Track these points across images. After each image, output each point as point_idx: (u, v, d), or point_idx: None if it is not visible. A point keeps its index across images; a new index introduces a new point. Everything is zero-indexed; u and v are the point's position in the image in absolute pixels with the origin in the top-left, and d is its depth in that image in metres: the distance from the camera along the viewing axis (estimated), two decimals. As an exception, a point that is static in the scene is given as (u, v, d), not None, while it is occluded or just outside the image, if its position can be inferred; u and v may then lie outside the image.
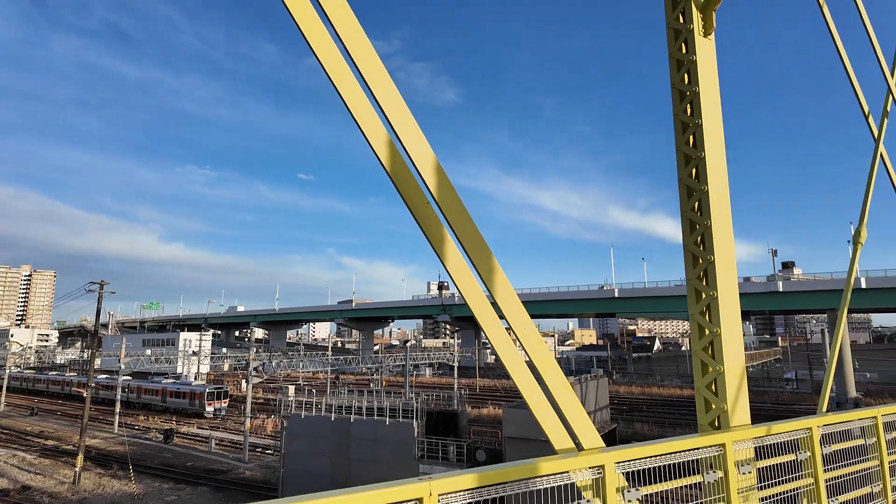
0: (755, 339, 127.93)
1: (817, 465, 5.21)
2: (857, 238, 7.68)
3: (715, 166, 5.79)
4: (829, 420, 5.66)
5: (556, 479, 3.71)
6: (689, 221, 5.86)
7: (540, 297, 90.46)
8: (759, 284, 69.23)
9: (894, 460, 6.31)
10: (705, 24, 5.98)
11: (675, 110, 6.06)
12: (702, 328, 5.63)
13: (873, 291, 58.04)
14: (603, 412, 30.59)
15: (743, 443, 4.85)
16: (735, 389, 5.41)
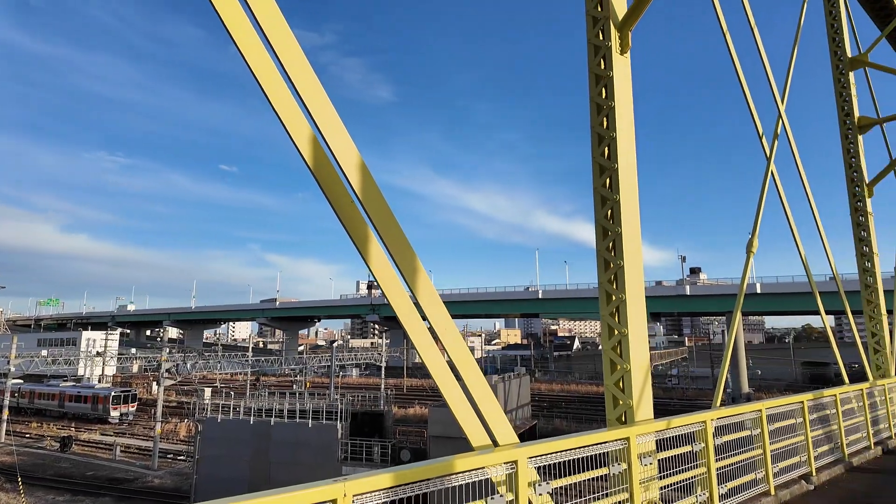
0: (664, 339, 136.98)
1: (710, 455, 5.69)
2: (750, 247, 8.46)
3: (627, 177, 6.18)
4: (721, 414, 6.20)
5: (473, 475, 3.82)
6: (602, 228, 6.20)
7: (468, 298, 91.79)
8: (669, 288, 74.30)
9: (776, 449, 7.02)
10: (622, 43, 6.36)
11: (592, 122, 6.40)
12: (611, 329, 5.99)
13: (766, 296, 64.03)
14: (524, 409, 31.57)
15: (645, 436, 5.21)
16: (640, 386, 5.80)
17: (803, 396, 7.66)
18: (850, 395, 9.17)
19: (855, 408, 9.31)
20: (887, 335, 12.00)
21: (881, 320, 12.10)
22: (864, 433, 9.19)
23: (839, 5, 13.09)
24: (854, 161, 12.54)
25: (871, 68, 13.45)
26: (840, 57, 12.90)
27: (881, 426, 9.97)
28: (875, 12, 16.61)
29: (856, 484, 7.32)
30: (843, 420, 8.62)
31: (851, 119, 12.63)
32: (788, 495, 6.64)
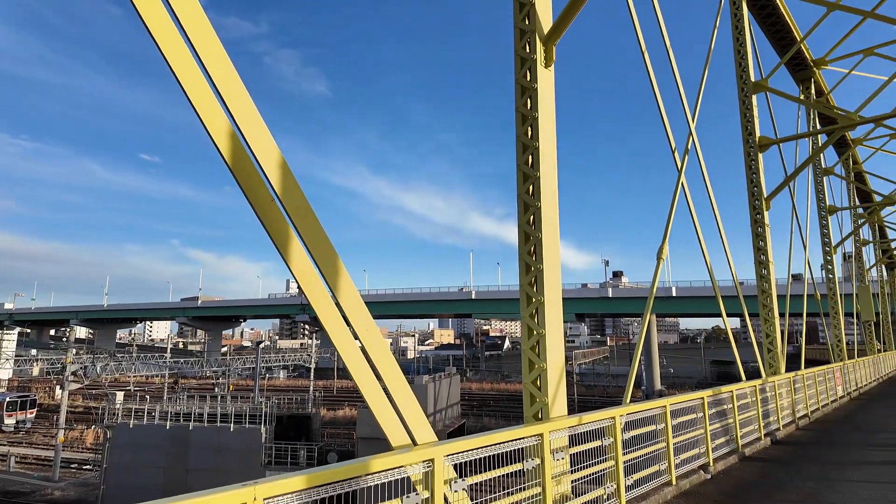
0: (588, 339, 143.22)
1: (618, 448, 6.05)
2: (660, 254, 9.06)
3: (548, 185, 6.45)
4: (629, 410, 6.61)
5: (392, 474, 3.86)
6: (524, 233, 6.44)
7: (403, 298, 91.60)
8: (593, 290, 77.86)
9: (679, 441, 7.57)
10: (546, 57, 6.64)
11: (517, 132, 6.63)
12: (531, 329, 6.23)
13: (681, 299, 68.61)
14: (454, 408, 31.96)
15: (559, 432, 5.46)
16: (555, 384, 6.08)
17: (703, 393, 8.30)
18: (745, 391, 10.03)
19: (749, 402, 10.19)
20: (779, 336, 13.24)
21: (774, 323, 13.32)
22: (756, 426, 10.09)
23: (745, 34, 14.30)
24: (755, 177, 13.75)
25: (770, 93, 14.78)
26: (745, 81, 14.10)
27: (771, 419, 10.98)
28: (776, 41, 18.30)
29: (747, 473, 8.03)
30: (739, 414, 9.42)
31: (753, 138, 13.84)
32: (688, 484, 7.17)
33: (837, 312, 22.17)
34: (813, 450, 9.69)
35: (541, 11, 6.60)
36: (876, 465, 8.59)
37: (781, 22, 17.14)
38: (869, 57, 20.11)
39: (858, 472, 8.02)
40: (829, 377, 15.55)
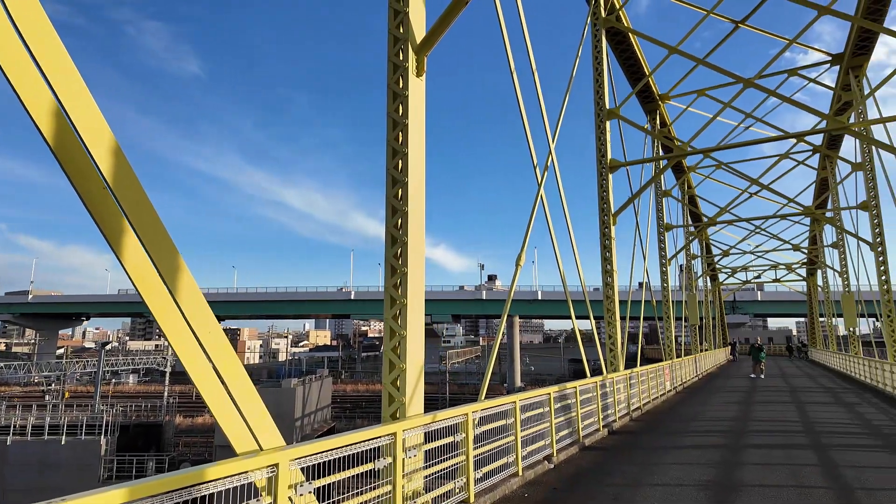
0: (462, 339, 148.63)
1: (469, 444, 6.39)
2: (518, 261, 9.73)
3: (416, 190, 6.64)
4: (482, 406, 7.01)
5: (233, 480, 3.71)
6: (391, 236, 6.56)
7: (277, 298, 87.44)
8: (469, 292, 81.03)
9: (527, 434, 8.17)
10: (418, 66, 6.83)
11: (388, 136, 6.74)
12: (393, 331, 6.35)
13: (545, 302, 73.98)
14: (324, 411, 31.23)
15: (413, 430, 5.64)
16: (414, 384, 6.26)
17: (550, 389, 9.07)
18: (588, 386, 11.12)
19: (591, 397, 11.31)
20: (619, 337, 14.87)
21: (616, 325, 14.93)
22: (595, 418, 11.23)
23: (603, 64, 15.90)
24: (605, 194, 15.32)
25: (622, 120, 16.57)
26: (601, 107, 15.67)
27: (609, 412, 12.27)
28: (630, 74, 20.55)
29: (585, 461, 8.90)
30: (581, 408, 10.42)
31: (605, 160, 15.43)
32: (533, 474, 7.78)
33: (670, 317, 25.49)
34: (642, 438, 11.01)
35: (414, 21, 6.78)
36: (688, 448, 9.99)
37: (634, 57, 19.34)
38: (703, 96, 23.47)
39: (674, 456, 9.27)
40: (659, 373, 17.79)
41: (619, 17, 16.75)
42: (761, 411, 14.75)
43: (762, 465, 8.41)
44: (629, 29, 17.31)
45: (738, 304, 71.01)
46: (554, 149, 11.48)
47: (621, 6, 16.64)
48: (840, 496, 6.62)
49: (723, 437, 11.00)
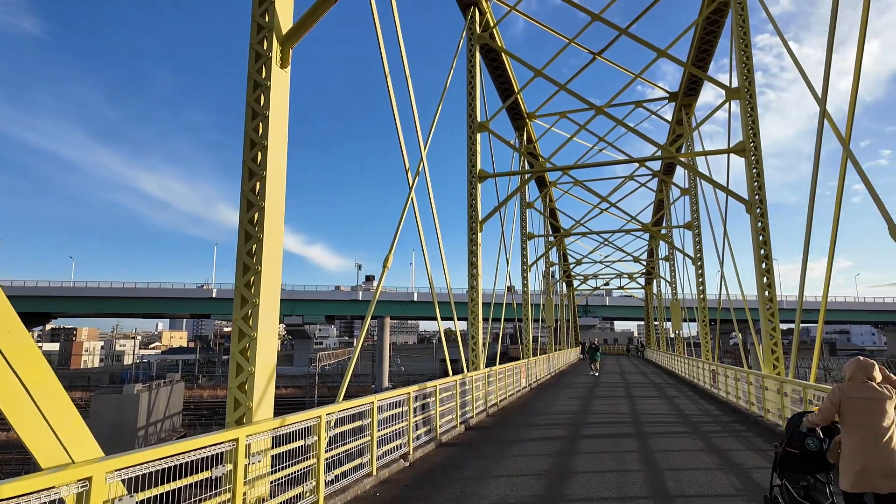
0: (336, 340, 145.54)
1: (321, 446, 6.30)
2: (386, 262, 9.82)
3: (275, 185, 6.41)
4: (337, 408, 6.96)
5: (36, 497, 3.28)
6: (245, 232, 6.26)
7: (124, 294, 78.13)
8: (344, 293, 79.62)
9: (385, 434, 8.27)
10: (283, 57, 6.62)
11: (246, 127, 6.43)
12: (242, 332, 6.06)
13: (420, 303, 75.19)
14: (175, 419, 28.60)
15: (259, 435, 5.43)
16: (263, 388, 6.03)
17: (410, 389, 9.28)
18: (448, 385, 11.55)
19: (451, 395, 11.77)
20: (481, 337, 15.65)
21: (478, 326, 15.70)
22: (454, 415, 11.70)
23: (476, 78, 16.68)
24: (473, 202, 16.07)
25: (492, 134, 17.51)
26: (472, 119, 16.43)
27: (467, 408, 12.86)
28: (502, 91, 21.77)
29: (440, 457, 9.22)
30: (440, 406, 10.80)
31: (475, 170, 16.19)
32: (387, 473, 7.89)
33: (528, 318, 27.43)
34: (495, 432, 11.68)
35: (281, 11, 6.56)
36: (534, 440, 10.83)
37: (506, 75, 20.56)
38: (564, 118, 25.64)
39: (521, 448, 9.97)
40: (516, 371, 19.04)
41: (492, 36, 17.71)
42: (599, 405, 16.47)
43: (593, 453, 9.41)
44: (502, 48, 18.38)
45: (589, 308, 78.57)
46: (426, 155, 11.79)
47: (495, 25, 17.63)
48: (650, 477, 7.64)
49: (565, 429, 12.09)
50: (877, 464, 4.48)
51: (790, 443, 5.45)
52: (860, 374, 4.83)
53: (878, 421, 4.57)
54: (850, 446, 4.67)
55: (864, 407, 4.68)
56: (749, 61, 14.45)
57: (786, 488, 5.42)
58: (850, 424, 4.73)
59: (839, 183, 9.13)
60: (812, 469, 5.25)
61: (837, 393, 4.84)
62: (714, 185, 15.82)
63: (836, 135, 9.24)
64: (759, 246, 13.67)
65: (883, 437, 4.52)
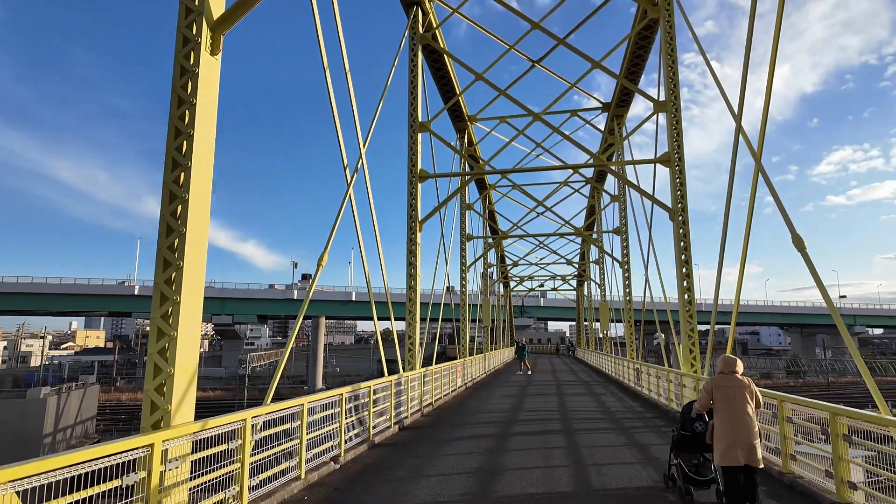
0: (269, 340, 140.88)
1: (245, 450, 6.05)
2: (320, 261, 9.61)
3: (200, 177, 6.10)
4: (265, 410, 6.72)
5: None
6: (166, 225, 5.92)
7: (33, 289, 71.87)
8: (278, 291, 77.18)
9: (315, 437, 8.07)
10: (213, 44, 6.32)
11: (171, 114, 6.08)
12: (161, 331, 5.72)
13: (359, 303, 74.26)
14: (87, 424, 26.61)
15: (177, 440, 5.14)
16: (183, 390, 5.72)
17: (343, 390, 9.12)
18: (382, 385, 11.46)
19: (385, 395, 11.67)
20: (418, 337, 15.65)
21: (416, 326, 15.69)
22: (388, 416, 11.61)
23: (418, 78, 16.67)
24: (413, 202, 16.04)
25: (433, 135, 17.55)
26: (414, 119, 16.40)
27: (402, 409, 12.81)
28: (444, 92, 21.87)
29: (372, 458, 9.12)
30: (374, 407, 10.69)
31: (416, 170, 16.17)
32: (316, 476, 7.70)
33: (466, 319, 27.74)
34: (428, 432, 11.70)
35: (212, -5, 6.26)
36: (467, 439, 10.94)
37: (448, 77, 20.68)
38: (504, 123, 26.13)
39: (453, 447, 10.06)
40: (452, 371, 19.19)
41: (435, 37, 17.76)
42: (531, 402, 16.91)
43: (523, 450, 9.64)
44: (444, 50, 18.47)
45: (525, 309, 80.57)
46: (365, 152, 11.63)
47: (437, 26, 17.69)
48: (575, 473, 7.92)
49: (497, 427, 12.31)
50: (737, 440, 5.48)
51: (683, 427, 6.44)
52: (727, 367, 5.94)
53: (739, 405, 5.64)
54: (719, 427, 5.69)
55: (730, 394, 5.74)
56: (675, 77, 15.33)
57: (680, 466, 6.41)
58: (719, 409, 5.77)
59: (751, 195, 9.86)
60: (700, 449, 6.26)
61: (710, 383, 5.96)
62: (641, 192, 16.65)
63: (749, 150, 9.96)
64: (680, 252, 14.53)
65: (742, 418, 5.57)
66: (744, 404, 5.65)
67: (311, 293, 9.72)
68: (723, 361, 6.11)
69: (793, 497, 6.66)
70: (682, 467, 6.36)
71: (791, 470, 7.29)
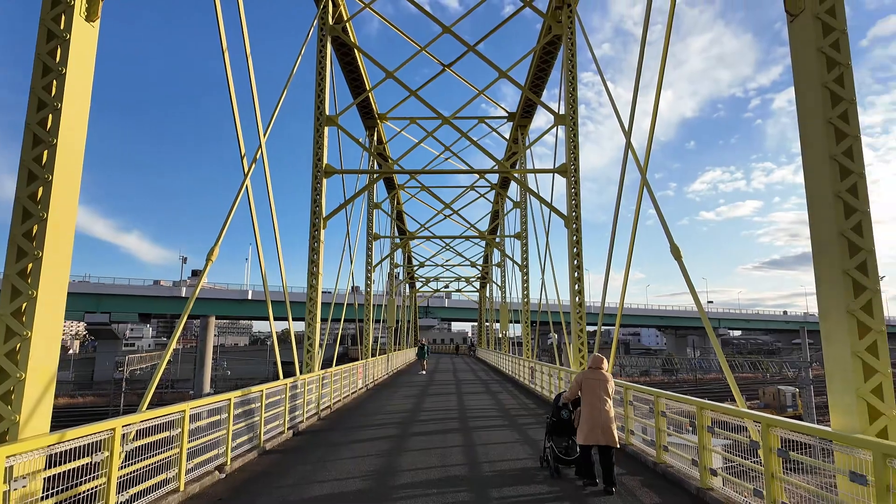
0: (153, 341, 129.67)
1: (113, 463, 5.45)
2: (210, 255, 8.95)
3: (68, 156, 5.42)
4: (139, 418, 6.11)
5: None
6: (23, 209, 5.19)
7: None
8: (165, 288, 71.17)
9: (197, 445, 7.48)
10: (90, 9, 5.64)
11: (34, 83, 5.35)
12: (11, 330, 4.99)
13: (254, 302, 70.52)
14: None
15: (26, 454, 4.50)
16: (36, 398, 5.03)
17: (232, 394, 8.56)
18: (276, 389, 10.92)
19: (280, 399, 11.14)
20: (317, 338, 15.15)
21: (316, 327, 15.18)
22: (281, 420, 11.09)
23: (326, 69, 16.17)
24: (318, 198, 15.52)
25: (341, 129, 17.12)
26: (321, 111, 15.88)
27: (297, 413, 12.31)
28: (353, 87, 21.44)
29: (262, 465, 8.64)
30: (267, 411, 10.15)
31: (321, 164, 15.66)
32: (198, 487, 7.14)
33: (370, 319, 27.38)
34: (324, 436, 11.34)
35: (89, -46, 5.59)
36: (365, 441, 10.75)
37: (358, 72, 20.30)
38: (414, 123, 26.18)
39: (350, 450, 9.81)
40: (353, 372, 18.81)
41: (345, 30, 17.34)
42: (431, 402, 17.05)
43: (422, 450, 9.65)
44: (355, 44, 18.09)
45: (430, 310, 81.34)
46: (266, 143, 11.04)
47: (348, 19, 17.29)
48: (471, 471, 8.06)
49: (397, 427, 12.23)
50: (597, 425, 6.75)
51: (554, 414, 7.67)
52: (594, 364, 7.25)
53: (601, 396, 6.91)
54: (584, 413, 6.95)
55: (594, 386, 6.98)
56: (575, 93, 16.26)
57: (552, 448, 7.57)
58: (584, 399, 7.02)
59: (637, 207, 10.68)
60: (568, 432, 7.46)
61: (579, 377, 7.20)
62: (540, 200, 17.45)
63: (637, 165, 10.80)
64: (573, 257, 15.40)
65: (602, 406, 6.86)
66: (603, 395, 6.90)
67: (199, 290, 9.06)
68: (591, 359, 7.30)
69: (664, 484, 7.28)
70: (554, 449, 7.51)
71: (664, 460, 7.97)
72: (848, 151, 5.33)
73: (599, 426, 6.73)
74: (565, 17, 16.41)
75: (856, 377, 5.03)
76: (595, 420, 6.77)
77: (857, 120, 5.40)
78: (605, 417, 6.77)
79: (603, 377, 7.04)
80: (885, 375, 5.06)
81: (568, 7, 16.33)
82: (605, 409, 6.82)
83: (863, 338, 5.09)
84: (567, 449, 7.43)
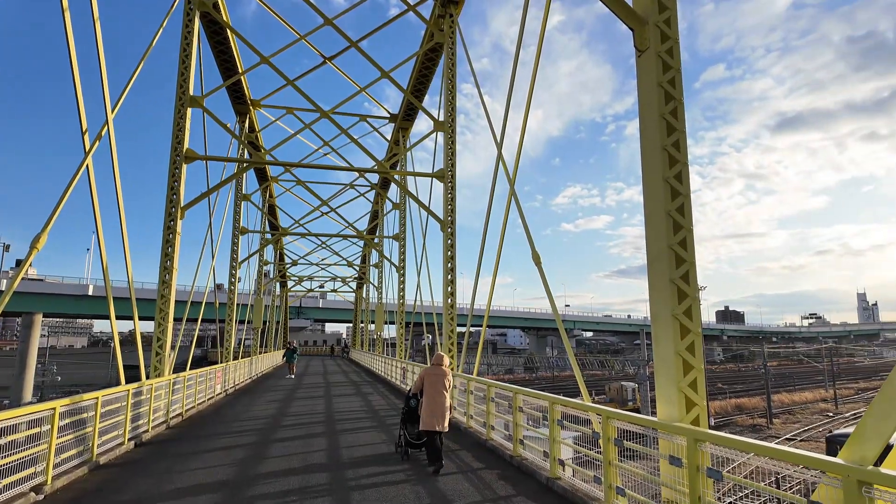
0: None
1: None
2: (36, 243, 7.72)
3: None
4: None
5: None
6: None
7: None
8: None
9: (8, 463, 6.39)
10: None
11: None
12: None
13: (96, 299, 62.31)
14: None
15: None
16: None
17: (56, 403, 7.44)
18: (116, 396, 9.72)
19: (120, 407, 9.93)
20: (169, 340, 13.78)
21: (168, 328, 13.80)
22: (122, 430, 9.90)
23: (192, 46, 14.82)
24: (176, 185, 14.14)
25: (207, 113, 15.78)
26: (184, 90, 14.51)
27: (141, 421, 11.07)
28: (224, 69, 19.95)
29: (92, 483, 7.62)
30: (102, 421, 8.99)
31: (181, 148, 14.30)
32: (5, 514, 6.10)
33: (233, 319, 25.56)
34: (172, 446, 10.34)
35: None
36: (219, 450, 9.97)
37: (229, 53, 18.92)
38: (291, 114, 25.05)
39: (202, 459, 9.05)
40: (210, 377, 17.42)
41: (217, 7, 16.05)
42: (297, 406, 16.39)
43: (282, 456, 9.21)
44: (227, 24, 16.82)
45: (302, 310, 78.24)
46: (113, 118, 9.79)
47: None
48: (333, 476, 7.87)
49: (257, 434, 11.55)
50: (434, 413, 7.94)
51: (406, 404, 8.84)
52: (436, 361, 8.37)
53: (438, 388, 8.11)
54: (425, 404, 8.10)
55: (434, 380, 8.14)
56: (454, 101, 16.75)
57: (404, 434, 8.70)
58: (426, 391, 8.16)
59: (505, 216, 11.30)
60: (418, 420, 8.33)
61: (423, 372, 8.34)
62: (419, 203, 17.68)
63: (507, 177, 11.41)
64: (447, 260, 15.83)
65: (439, 398, 8.04)
66: (441, 388, 8.10)
67: (23, 283, 7.74)
68: (435, 356, 8.45)
69: (518, 476, 7.74)
70: (406, 435, 8.69)
71: (519, 453, 8.49)
72: (678, 175, 6.13)
73: (435, 415, 7.90)
74: (447, 26, 16.85)
75: (677, 373, 5.78)
76: (433, 409, 7.94)
77: (686, 149, 6.24)
78: (441, 407, 7.98)
79: (443, 372, 8.18)
80: (700, 371, 5.89)
81: (450, 17, 16.79)
82: (441, 400, 8.02)
83: (683, 339, 5.87)
84: (418, 435, 8.47)
